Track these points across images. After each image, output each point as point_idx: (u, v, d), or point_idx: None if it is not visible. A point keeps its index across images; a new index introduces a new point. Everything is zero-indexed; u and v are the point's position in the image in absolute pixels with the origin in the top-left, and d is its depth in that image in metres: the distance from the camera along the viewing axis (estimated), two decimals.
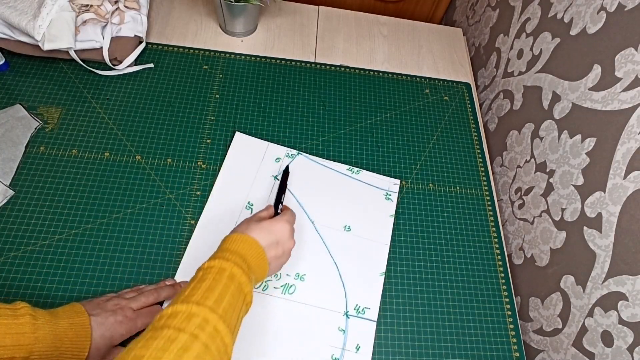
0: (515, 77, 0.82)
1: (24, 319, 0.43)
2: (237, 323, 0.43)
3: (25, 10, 0.68)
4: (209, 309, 0.40)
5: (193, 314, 0.39)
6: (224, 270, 0.45)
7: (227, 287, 0.43)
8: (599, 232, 0.57)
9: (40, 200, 0.63)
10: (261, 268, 0.50)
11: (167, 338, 0.36)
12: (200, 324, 0.38)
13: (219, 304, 0.41)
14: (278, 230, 0.54)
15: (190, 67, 0.81)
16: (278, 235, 0.54)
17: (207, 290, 0.42)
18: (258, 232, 0.52)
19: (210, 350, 0.37)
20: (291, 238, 0.56)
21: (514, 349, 0.65)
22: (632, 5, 0.56)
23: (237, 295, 0.44)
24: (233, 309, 0.43)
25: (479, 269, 0.70)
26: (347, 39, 0.93)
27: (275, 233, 0.53)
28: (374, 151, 0.78)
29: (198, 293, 0.41)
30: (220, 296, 0.42)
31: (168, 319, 0.38)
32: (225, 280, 0.44)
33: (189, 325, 0.38)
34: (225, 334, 0.39)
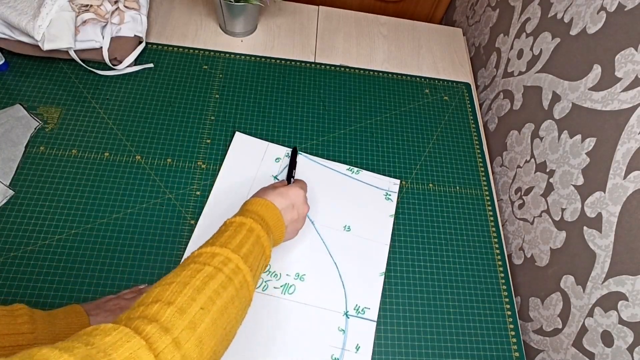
0: (515, 77, 0.82)
1: (22, 319, 0.43)
2: (257, 269, 0.46)
3: (25, 10, 0.68)
4: (230, 250, 0.43)
5: (216, 253, 0.42)
6: (243, 224, 0.48)
7: (247, 237, 0.47)
8: (599, 232, 0.57)
9: (40, 200, 0.63)
10: (279, 229, 0.53)
11: (194, 269, 0.40)
12: (223, 260, 0.42)
13: (239, 248, 0.44)
14: (293, 195, 0.57)
15: (190, 67, 0.81)
16: (293, 199, 0.57)
17: (229, 237, 0.45)
18: (274, 197, 0.55)
19: (233, 283, 0.40)
20: (305, 203, 0.59)
21: (514, 349, 0.65)
22: (632, 5, 0.56)
23: (257, 245, 0.47)
24: (253, 256, 0.45)
25: (479, 269, 0.70)
26: (347, 39, 0.93)
27: (290, 197, 0.56)
28: (374, 151, 0.78)
29: (220, 239, 0.45)
30: (241, 242, 0.45)
31: (194, 258, 0.42)
32: (245, 232, 0.47)
33: (213, 261, 0.41)
34: (246, 272, 0.42)
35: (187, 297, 0.36)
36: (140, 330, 0.32)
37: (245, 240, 0.46)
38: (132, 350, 0.30)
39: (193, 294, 0.37)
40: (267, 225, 0.51)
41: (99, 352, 0.29)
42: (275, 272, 0.64)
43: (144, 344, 0.31)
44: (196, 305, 0.36)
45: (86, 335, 0.30)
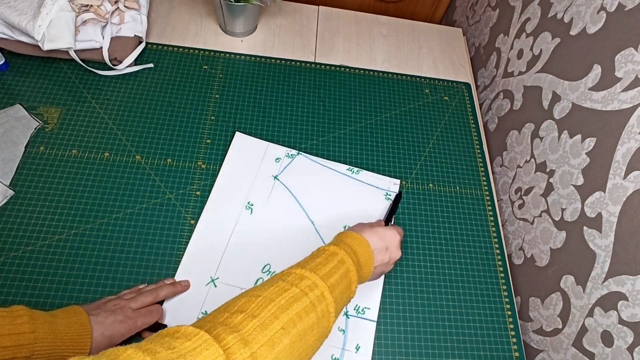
0: (515, 77, 0.82)
1: (21, 320, 0.43)
2: (340, 303, 0.45)
3: (25, 10, 0.68)
4: (319, 277, 0.43)
5: (304, 276, 0.43)
6: (336, 254, 0.48)
7: (337, 268, 0.46)
8: (599, 232, 0.57)
9: (40, 200, 0.63)
10: (367, 268, 0.52)
11: (280, 287, 0.40)
12: (310, 285, 0.42)
13: (328, 277, 0.44)
14: (389, 237, 0.56)
15: (190, 67, 0.81)
16: (388, 242, 0.56)
17: (319, 264, 0.45)
18: (370, 235, 0.54)
19: (316, 309, 0.40)
20: (399, 249, 0.58)
21: (514, 349, 0.65)
22: (632, 5, 0.56)
23: (345, 279, 0.47)
24: (340, 289, 0.45)
25: (479, 269, 0.70)
26: (347, 39, 0.93)
27: (386, 240, 0.55)
28: (374, 151, 0.78)
29: (311, 264, 0.45)
30: (330, 272, 0.45)
31: (283, 276, 0.43)
32: (336, 262, 0.47)
33: (301, 284, 0.41)
34: (330, 303, 0.42)
35: (271, 313, 0.36)
36: (220, 339, 0.32)
37: (335, 270, 0.46)
38: (211, 358, 0.30)
39: (277, 312, 0.37)
40: (358, 261, 0.50)
41: (179, 356, 0.29)
42: (275, 272, 0.64)
43: (222, 354, 0.31)
44: (278, 324, 0.36)
45: (169, 337, 0.31)
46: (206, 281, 0.61)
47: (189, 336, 0.31)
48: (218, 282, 0.61)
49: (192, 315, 0.59)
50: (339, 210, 0.71)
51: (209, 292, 0.60)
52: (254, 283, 0.62)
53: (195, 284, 0.60)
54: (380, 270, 0.56)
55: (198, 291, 0.60)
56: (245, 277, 0.63)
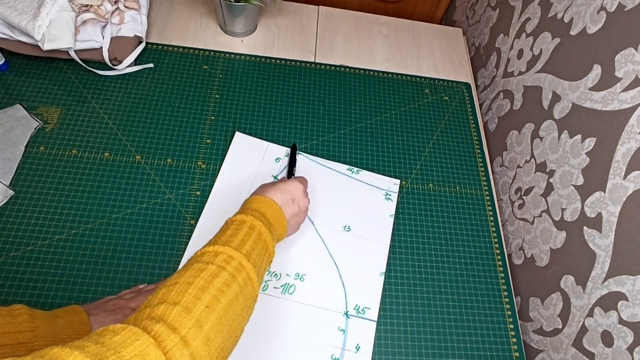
0: (515, 77, 0.82)
1: (21, 318, 0.43)
2: (261, 266, 0.46)
3: (25, 10, 0.68)
4: (233, 249, 0.43)
5: (219, 252, 0.43)
6: (244, 222, 0.48)
7: (249, 234, 0.47)
8: (599, 232, 0.57)
9: (40, 200, 0.63)
10: (280, 224, 0.54)
11: (197, 269, 0.40)
12: (226, 259, 0.42)
13: (241, 245, 0.45)
14: (292, 189, 0.57)
15: (190, 67, 0.81)
16: (292, 193, 0.57)
17: (230, 235, 0.46)
18: (273, 192, 0.55)
19: (237, 280, 0.41)
20: (305, 196, 0.59)
21: (514, 349, 0.65)
22: (632, 5, 0.56)
23: (259, 242, 0.47)
24: (256, 254, 0.46)
25: (479, 269, 0.70)
26: (347, 39, 0.93)
27: (290, 191, 0.57)
28: (374, 151, 0.78)
29: (222, 238, 0.45)
30: (243, 240, 0.46)
31: (197, 257, 0.43)
32: (247, 229, 0.47)
33: (216, 260, 0.42)
34: (250, 270, 0.43)
35: (192, 296, 0.37)
36: (149, 329, 0.32)
37: (247, 237, 0.46)
38: (142, 347, 0.30)
39: (198, 293, 0.37)
40: (268, 222, 0.51)
41: (108, 349, 0.29)
42: (275, 272, 0.64)
43: (152, 342, 0.31)
44: (201, 304, 0.36)
45: (96, 335, 0.31)
46: None
47: (117, 331, 0.31)
48: None
49: None
50: (339, 210, 0.71)
51: None
52: None
53: None
54: (295, 222, 0.58)
55: None
56: None
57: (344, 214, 0.70)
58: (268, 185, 0.57)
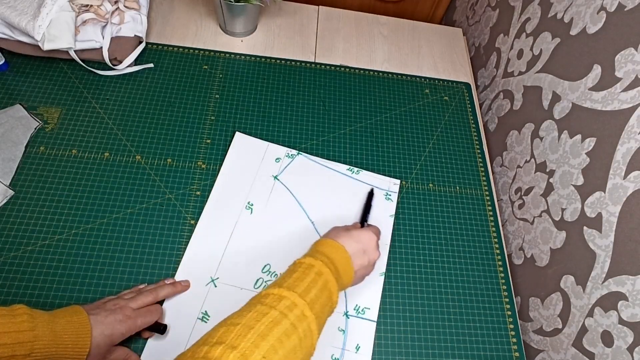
0: (515, 77, 0.82)
1: (21, 318, 0.43)
2: (322, 318, 0.45)
3: (25, 10, 0.68)
4: (297, 295, 0.42)
5: (283, 296, 0.42)
6: (312, 267, 0.47)
7: (315, 281, 0.46)
8: (599, 232, 0.57)
9: (40, 200, 0.63)
10: (347, 274, 0.51)
11: (259, 312, 0.39)
12: (289, 305, 0.41)
13: (306, 293, 0.43)
14: (365, 240, 0.55)
15: (190, 67, 0.81)
16: (365, 245, 0.55)
17: (296, 279, 0.45)
18: (346, 240, 0.53)
19: (297, 331, 0.40)
20: (377, 249, 0.57)
21: (514, 349, 0.65)
22: (632, 5, 0.56)
23: (324, 291, 0.46)
24: (320, 303, 0.44)
25: (479, 269, 0.70)
26: (347, 39, 0.93)
27: (363, 242, 0.54)
28: (374, 151, 0.78)
29: (288, 281, 0.44)
30: (308, 287, 0.44)
31: (261, 298, 0.42)
32: (314, 275, 0.46)
33: (279, 305, 0.41)
34: (311, 321, 0.42)
35: (251, 342, 0.36)
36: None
37: (313, 285, 0.45)
38: None
39: (257, 340, 0.36)
40: (336, 270, 0.49)
41: None
42: (275, 272, 0.64)
43: None
44: (259, 353, 0.36)
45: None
46: (206, 281, 0.61)
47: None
48: (218, 282, 0.61)
49: (192, 315, 0.59)
50: (339, 210, 0.71)
51: (209, 292, 0.60)
52: (254, 283, 0.62)
53: (195, 284, 0.60)
54: (361, 274, 0.55)
55: (198, 291, 0.60)
56: (245, 277, 0.63)
57: (344, 214, 0.70)
58: (342, 230, 0.55)
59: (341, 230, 0.55)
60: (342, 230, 0.56)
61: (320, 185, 0.72)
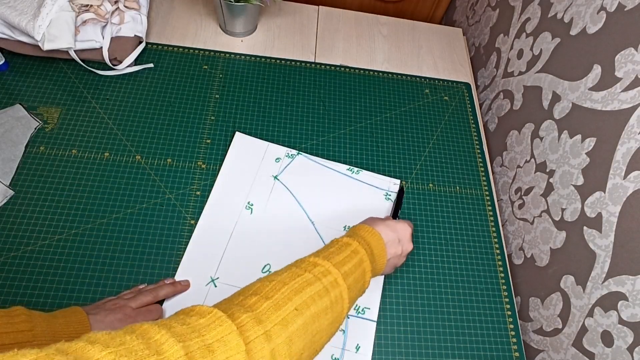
0: (515, 77, 0.82)
1: (19, 319, 0.43)
2: (354, 292, 0.46)
3: (25, 10, 0.68)
4: (332, 265, 0.44)
5: (318, 264, 0.44)
6: (349, 245, 0.49)
7: (351, 257, 0.47)
8: (599, 232, 0.57)
9: (40, 200, 0.63)
10: (381, 259, 0.53)
11: (294, 272, 0.41)
12: (323, 271, 0.43)
13: (341, 265, 0.45)
14: (401, 230, 0.57)
15: (190, 67, 0.81)
16: (400, 235, 0.56)
17: (333, 253, 0.46)
18: (382, 227, 0.55)
19: (330, 295, 0.41)
20: (411, 241, 0.58)
21: (514, 349, 0.65)
22: (632, 5, 0.56)
23: (358, 268, 0.47)
24: (353, 278, 0.46)
25: (479, 269, 0.70)
26: (347, 39, 0.93)
27: (398, 232, 0.56)
28: (374, 151, 0.78)
29: (325, 253, 0.46)
30: (344, 260, 0.46)
31: (296, 263, 0.44)
32: (350, 252, 0.48)
33: (314, 270, 0.42)
34: (344, 289, 0.43)
35: (284, 295, 0.37)
36: (235, 317, 0.33)
37: (349, 260, 0.46)
38: (224, 333, 0.31)
39: (290, 294, 0.38)
40: (372, 253, 0.51)
41: (193, 331, 0.30)
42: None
43: (235, 329, 0.32)
44: (291, 305, 0.37)
45: (183, 315, 0.32)
46: (206, 281, 0.61)
47: (203, 314, 0.32)
48: (218, 282, 0.61)
49: None
50: (339, 210, 0.71)
51: (209, 292, 0.60)
52: None
53: (195, 284, 0.60)
54: (393, 263, 0.57)
55: (198, 291, 0.60)
56: (245, 277, 0.62)
57: (344, 214, 0.70)
58: (378, 220, 0.57)
59: (377, 220, 0.57)
60: (378, 220, 0.57)
61: (320, 185, 0.72)
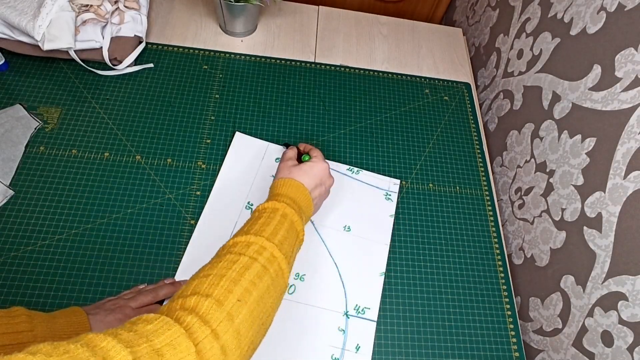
0: (515, 77, 0.82)
1: (20, 319, 0.43)
2: (292, 255, 0.47)
3: (25, 10, 0.68)
4: (265, 239, 0.44)
5: (251, 242, 0.44)
6: (277, 210, 0.49)
7: (281, 223, 0.47)
8: (599, 232, 0.57)
9: (40, 200, 0.63)
10: (308, 208, 0.55)
11: (229, 260, 0.41)
12: (258, 249, 0.43)
13: (274, 235, 0.45)
14: (319, 171, 0.58)
15: (190, 67, 0.81)
16: (320, 176, 0.58)
17: (263, 224, 0.46)
18: (302, 176, 0.56)
19: (269, 271, 0.42)
20: (330, 176, 0.60)
21: (514, 349, 0.65)
22: (632, 5, 0.56)
23: (291, 230, 0.48)
24: (288, 243, 0.46)
25: (479, 269, 0.70)
26: (347, 39, 0.93)
27: (318, 174, 0.58)
28: (374, 151, 0.78)
29: (255, 227, 0.46)
30: (275, 230, 0.46)
31: (229, 247, 0.44)
32: (279, 217, 0.48)
33: (248, 251, 0.42)
34: (281, 260, 0.44)
35: (224, 289, 0.37)
36: (180, 320, 0.33)
37: (280, 226, 0.47)
38: (173, 337, 0.31)
39: (230, 286, 0.38)
40: (299, 208, 0.51)
41: (141, 337, 0.30)
42: None
43: (183, 332, 0.32)
44: (233, 297, 0.37)
45: (130, 324, 0.32)
46: None
47: (150, 320, 0.32)
48: None
49: None
50: (339, 210, 0.71)
51: None
52: None
53: None
54: (319, 202, 0.59)
55: None
56: None
57: (344, 214, 0.70)
58: (293, 169, 0.57)
59: (292, 168, 0.57)
60: (292, 167, 0.57)
61: None
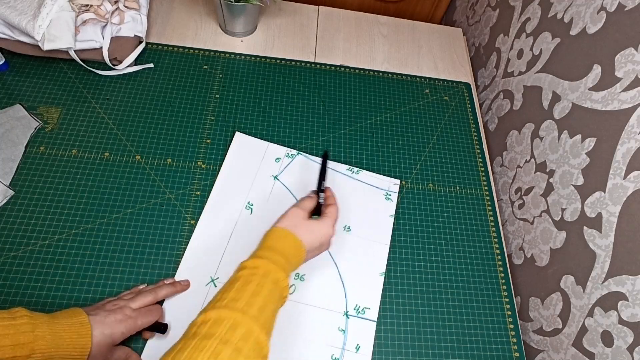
0: (515, 77, 0.82)
1: (21, 320, 0.43)
2: (273, 318, 0.45)
3: (25, 10, 0.68)
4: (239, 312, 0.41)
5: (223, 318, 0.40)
6: (257, 268, 0.47)
7: (261, 285, 0.45)
8: (599, 232, 0.57)
9: (40, 200, 0.63)
10: (298, 264, 0.53)
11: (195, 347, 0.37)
12: (230, 327, 0.39)
13: (250, 305, 0.42)
14: (324, 236, 0.56)
15: (190, 67, 0.81)
16: (322, 239, 0.56)
17: (239, 290, 0.44)
18: (305, 234, 0.53)
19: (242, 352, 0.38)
20: (330, 243, 0.58)
21: (514, 349, 0.65)
22: (632, 5, 0.56)
23: (273, 290, 0.46)
24: (269, 307, 0.44)
25: (479, 269, 0.70)
26: (347, 39, 0.93)
27: (321, 237, 0.55)
28: (374, 151, 0.78)
29: (230, 294, 0.43)
30: (253, 295, 0.43)
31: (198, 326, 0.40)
32: (259, 279, 0.45)
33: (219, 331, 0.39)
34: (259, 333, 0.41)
35: None
36: None
37: (259, 289, 0.44)
38: None
39: None
40: (288, 263, 0.49)
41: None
42: None
43: None
44: None
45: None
46: (206, 281, 0.61)
47: None
48: (218, 282, 0.61)
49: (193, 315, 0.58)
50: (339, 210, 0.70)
51: (209, 292, 0.60)
52: None
53: (195, 284, 0.60)
54: (313, 256, 0.57)
55: (198, 291, 0.60)
56: None
57: (344, 214, 0.70)
58: (301, 220, 0.54)
59: (301, 219, 0.55)
60: (301, 218, 0.55)
61: None
